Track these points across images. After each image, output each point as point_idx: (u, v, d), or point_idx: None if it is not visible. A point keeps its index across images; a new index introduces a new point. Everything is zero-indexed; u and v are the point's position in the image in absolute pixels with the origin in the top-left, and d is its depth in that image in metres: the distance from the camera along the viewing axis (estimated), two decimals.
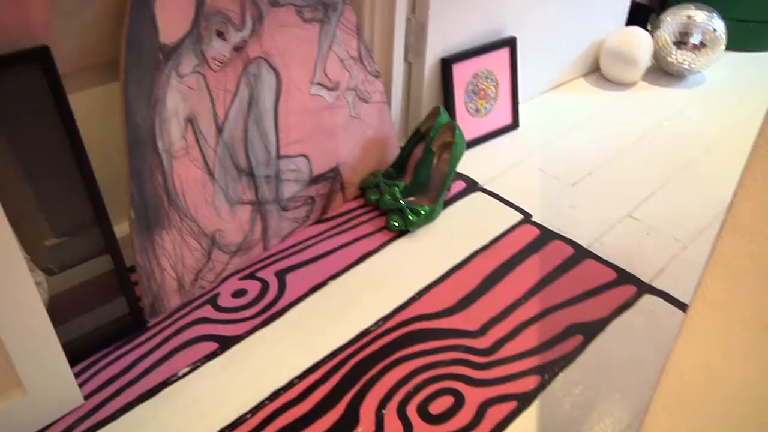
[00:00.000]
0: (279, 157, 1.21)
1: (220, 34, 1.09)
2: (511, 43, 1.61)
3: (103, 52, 1.02)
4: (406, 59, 1.48)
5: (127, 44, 0.98)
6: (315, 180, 1.29)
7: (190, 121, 1.07)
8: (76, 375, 1.04)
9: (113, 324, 1.10)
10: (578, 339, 1.11)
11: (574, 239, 1.32)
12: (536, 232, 1.34)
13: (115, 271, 1.07)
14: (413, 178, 1.36)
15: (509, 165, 1.55)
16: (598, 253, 1.29)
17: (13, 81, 0.93)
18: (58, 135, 0.98)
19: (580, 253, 1.28)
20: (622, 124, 1.73)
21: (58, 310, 1.03)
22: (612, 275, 1.23)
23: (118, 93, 1.05)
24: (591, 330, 1.13)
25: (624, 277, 1.23)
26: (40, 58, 0.93)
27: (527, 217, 1.38)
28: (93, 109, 1.07)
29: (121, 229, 1.16)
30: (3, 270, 0.84)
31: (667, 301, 1.18)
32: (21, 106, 0.94)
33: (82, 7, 0.97)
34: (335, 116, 1.29)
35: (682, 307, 1.17)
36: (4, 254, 0.84)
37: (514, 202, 1.42)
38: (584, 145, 1.63)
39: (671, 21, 1.87)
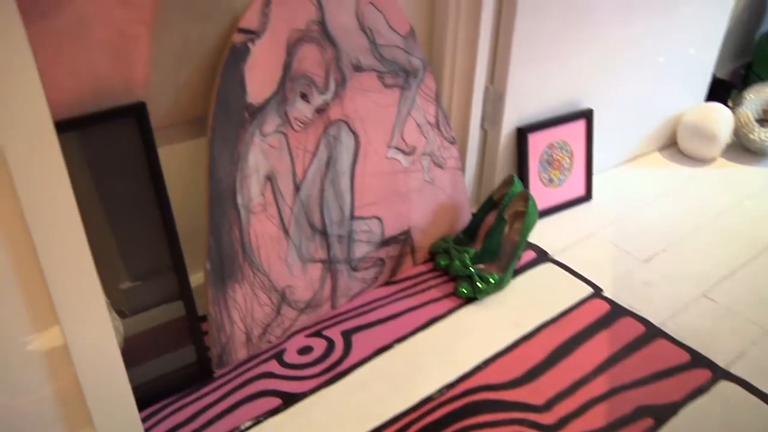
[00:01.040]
0: (353, 217, 1.23)
1: (304, 96, 1.12)
2: (587, 115, 1.61)
3: (193, 109, 1.07)
4: (482, 127, 1.50)
5: (216, 103, 1.03)
6: (386, 242, 1.31)
7: (270, 178, 1.11)
8: (143, 420, 1.06)
9: (181, 371, 1.12)
10: (648, 422, 1.07)
11: (645, 317, 1.28)
12: (606, 307, 1.31)
13: (187, 318, 1.10)
14: (484, 245, 1.36)
15: (581, 237, 1.53)
16: (670, 333, 1.24)
17: (110, 133, 0.98)
18: (145, 184, 1.03)
19: (652, 332, 1.25)
20: (699, 200, 1.69)
21: (128, 353, 1.05)
22: (685, 357, 1.19)
23: (204, 148, 1.09)
24: (662, 414, 1.08)
25: (698, 360, 1.19)
26: (137, 113, 0.99)
27: (597, 291, 1.35)
28: (180, 162, 1.11)
29: (195, 278, 1.18)
30: (86, 311, 0.87)
31: (745, 389, 1.13)
32: (114, 156, 0.99)
33: (178, 67, 1.02)
34: (410, 180, 1.31)
35: (763, 397, 1.12)
36: (87, 295, 0.87)
37: (585, 275, 1.40)
38: (659, 221, 1.60)
39: (754, 98, 1.84)
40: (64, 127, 0.91)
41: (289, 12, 1.08)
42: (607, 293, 1.35)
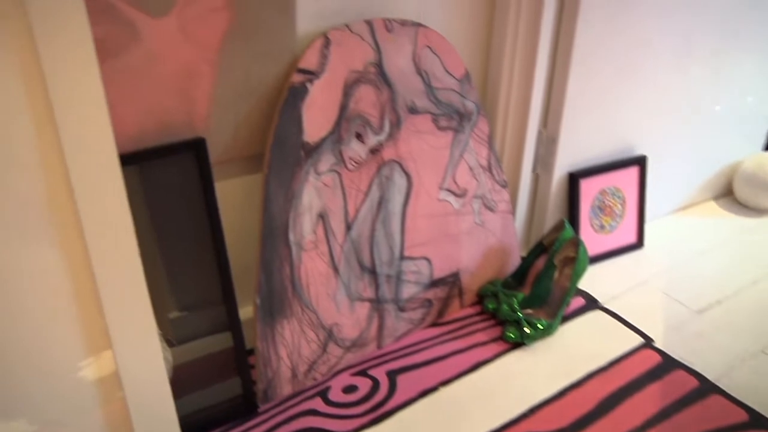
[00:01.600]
0: (402, 258, 1.24)
1: (359, 137, 1.14)
2: (641, 162, 1.59)
3: (251, 145, 1.09)
4: (534, 171, 1.49)
5: (273, 141, 1.05)
6: (434, 283, 1.30)
7: (322, 216, 1.12)
8: None
9: (225, 404, 1.12)
10: None
11: (699, 371, 1.25)
12: (657, 358, 1.28)
13: (234, 351, 1.11)
14: (533, 290, 1.35)
15: (632, 285, 1.50)
16: (726, 389, 1.21)
17: (170, 167, 1.01)
18: (201, 217, 1.05)
19: (706, 387, 1.21)
20: (756, 252, 1.65)
21: (175, 383, 1.06)
22: (743, 416, 1.15)
23: (259, 184, 1.11)
24: None
25: (757, 419, 1.14)
26: (196, 148, 1.01)
27: (648, 342, 1.32)
28: (235, 197, 1.13)
29: (243, 312, 1.20)
30: (138, 337, 0.89)
31: None
32: (172, 188, 1.01)
33: (238, 104, 1.05)
34: (460, 222, 1.31)
35: None
36: (141, 322, 0.89)
37: (635, 324, 1.37)
38: (714, 272, 1.56)
39: None
40: (127, 160, 0.94)
41: (347, 54, 1.10)
42: (658, 344, 1.32)
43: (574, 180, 1.50)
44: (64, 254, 0.84)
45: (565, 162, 1.48)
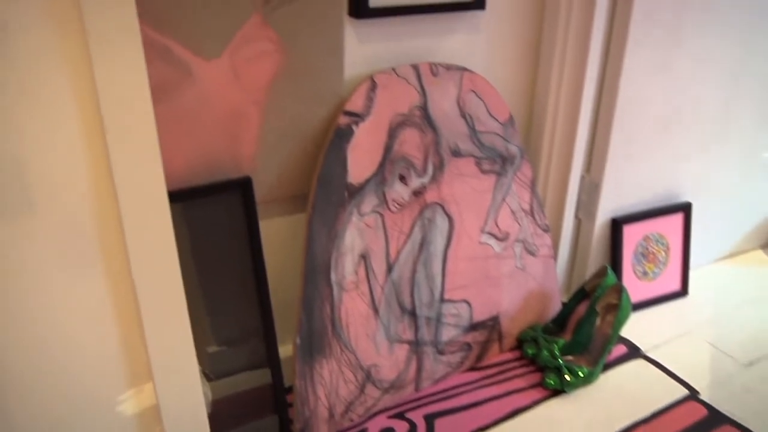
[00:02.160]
0: (442, 300, 1.23)
1: (402, 179, 1.15)
2: (686, 209, 1.57)
3: (295, 185, 1.11)
4: (576, 216, 1.48)
5: (318, 181, 1.06)
6: (474, 327, 1.29)
7: (364, 257, 1.12)
8: None
9: None
10: None
11: (748, 427, 1.21)
12: (703, 411, 1.24)
13: (272, 387, 1.11)
14: (574, 336, 1.33)
15: (676, 334, 1.47)
16: None
17: (216, 204, 1.03)
18: (244, 254, 1.06)
19: None
20: None
21: (212, 417, 1.07)
22: None
23: (303, 224, 1.13)
24: None
25: None
26: (242, 187, 1.03)
27: (693, 394, 1.29)
28: (279, 235, 1.15)
29: (282, 349, 1.20)
30: (179, 371, 0.90)
31: None
32: (217, 225, 1.03)
33: (283, 145, 1.07)
34: (501, 266, 1.30)
35: None
36: (182, 356, 0.89)
37: (680, 375, 1.34)
38: (762, 323, 1.52)
39: None
40: (175, 197, 0.97)
41: (393, 97, 1.12)
42: (704, 396, 1.28)
43: (617, 225, 1.49)
44: (110, 286, 0.86)
45: (608, 207, 1.47)
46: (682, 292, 1.60)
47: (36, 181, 0.82)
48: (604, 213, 1.47)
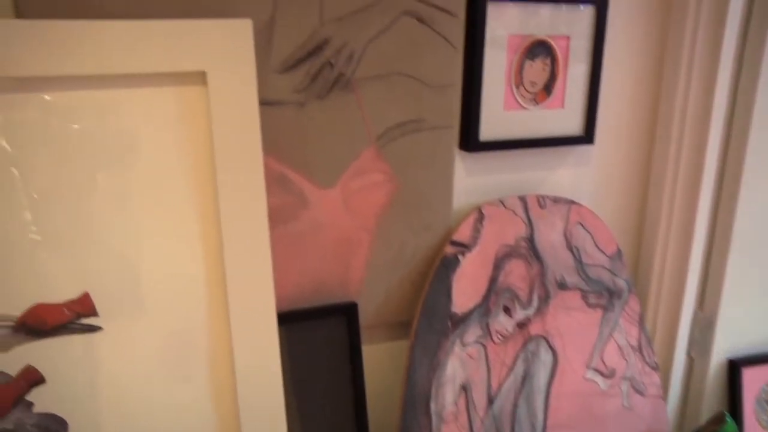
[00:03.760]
0: None
1: (507, 310, 1.14)
2: None
3: (399, 312, 1.12)
4: (688, 354, 1.41)
5: (422, 309, 1.07)
6: None
7: (465, 388, 1.10)
8: None
9: None
10: None
11: None
12: None
13: None
14: None
15: None
16: None
17: (320, 328, 1.05)
18: (344, 379, 1.07)
19: None
20: None
21: None
22: None
23: (404, 351, 1.13)
24: None
25: None
26: (348, 312, 1.05)
27: None
28: (379, 361, 1.15)
29: None
30: None
31: None
32: (319, 348, 1.05)
33: (390, 272, 1.09)
34: (606, 404, 1.25)
35: None
36: None
37: None
38: None
39: None
40: (281, 318, 0.99)
41: (499, 228, 1.12)
42: None
43: (734, 367, 1.40)
44: (213, 398, 0.88)
45: (724, 347, 1.39)
46: None
47: (150, 286, 0.87)
48: (720, 353, 1.40)
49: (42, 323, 0.82)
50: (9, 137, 0.78)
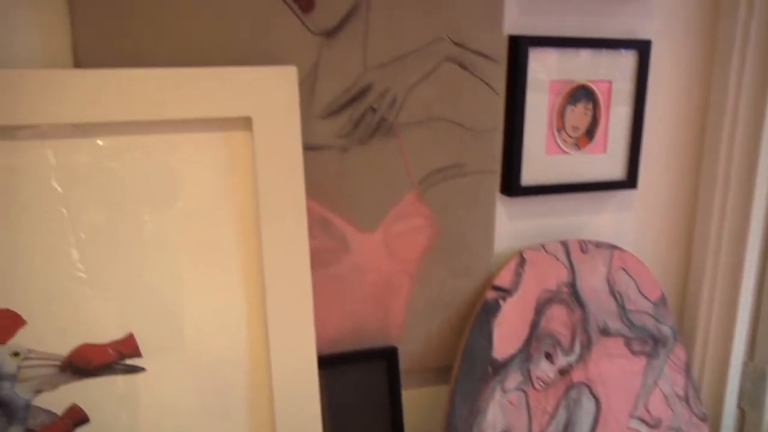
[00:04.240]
0: None
1: (548, 356, 1.12)
2: None
3: (438, 357, 1.11)
4: (739, 406, 1.37)
5: (463, 354, 1.06)
6: None
7: None
8: None
9: None
10: None
11: None
12: None
13: None
14: None
15: None
16: None
17: (360, 372, 1.04)
18: (383, 424, 1.06)
19: None
20: None
21: None
22: None
23: (444, 396, 1.12)
24: None
25: None
26: (388, 356, 1.05)
27: None
28: (418, 406, 1.14)
29: None
30: None
31: None
32: (358, 392, 1.04)
33: (431, 316, 1.08)
34: None
35: None
36: None
37: None
38: None
39: None
40: (321, 362, 0.99)
41: (541, 273, 1.11)
42: None
43: None
44: None
45: None
46: None
47: (193, 327, 0.88)
48: None
49: (87, 363, 0.83)
50: (60, 179, 0.80)
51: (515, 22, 1.07)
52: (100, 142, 0.81)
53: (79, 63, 0.84)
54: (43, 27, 0.83)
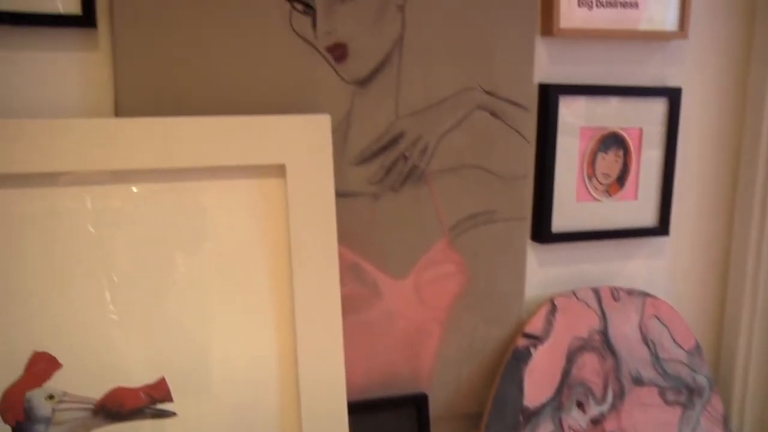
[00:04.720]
0: None
1: (580, 405, 1.10)
2: None
3: (469, 404, 1.10)
4: None
5: (493, 402, 1.05)
6: None
7: None
8: None
9: None
10: None
11: None
12: None
13: None
14: None
15: None
16: None
17: (389, 419, 1.03)
18: None
19: None
20: None
21: None
22: None
23: None
24: None
25: None
26: (418, 403, 1.04)
27: None
28: None
29: None
30: None
31: None
32: None
33: (461, 363, 1.07)
34: None
35: None
36: None
37: None
38: None
39: None
40: (350, 408, 0.99)
41: (572, 321, 1.10)
42: None
43: None
44: None
45: None
46: None
47: (223, 372, 0.89)
48: None
49: (120, 407, 0.84)
50: (95, 222, 0.82)
51: (545, 70, 1.09)
52: (134, 189, 0.83)
53: (119, 111, 0.86)
54: (87, 76, 0.86)
